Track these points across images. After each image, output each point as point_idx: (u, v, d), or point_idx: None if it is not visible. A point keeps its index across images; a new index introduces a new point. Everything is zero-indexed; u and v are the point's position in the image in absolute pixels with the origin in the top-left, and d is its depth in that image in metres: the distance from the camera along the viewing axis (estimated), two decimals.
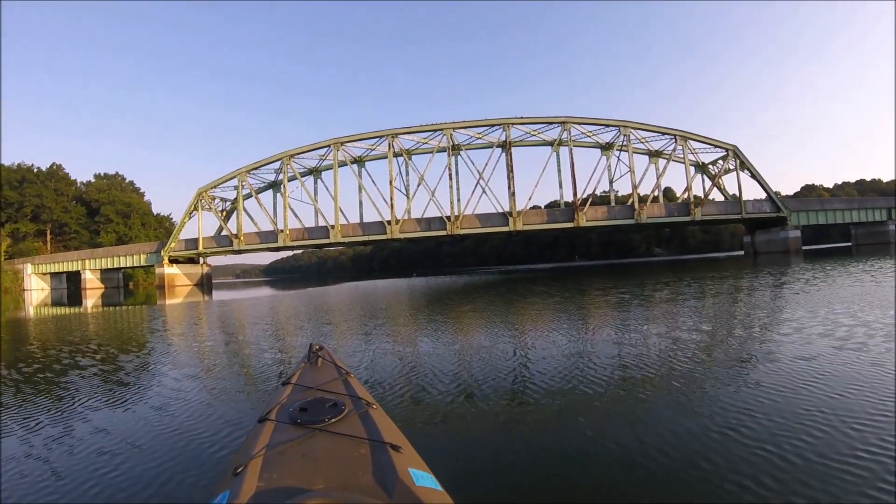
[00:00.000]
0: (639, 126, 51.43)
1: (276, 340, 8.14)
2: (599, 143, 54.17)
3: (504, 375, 4.63)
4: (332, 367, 2.53)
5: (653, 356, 5.02)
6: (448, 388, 4.26)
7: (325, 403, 1.89)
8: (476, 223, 47.53)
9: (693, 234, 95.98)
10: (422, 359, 5.71)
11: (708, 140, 53.17)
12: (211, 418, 3.77)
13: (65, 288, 67.83)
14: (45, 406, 4.42)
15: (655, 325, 7.25)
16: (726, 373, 4.20)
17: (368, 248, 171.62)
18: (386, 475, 1.37)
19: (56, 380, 5.59)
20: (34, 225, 79.72)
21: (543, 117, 49.63)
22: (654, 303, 10.44)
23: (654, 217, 50.44)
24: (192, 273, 57.39)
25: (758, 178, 53.55)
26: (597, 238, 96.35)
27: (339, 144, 49.76)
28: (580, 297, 13.31)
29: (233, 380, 5.19)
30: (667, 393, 3.75)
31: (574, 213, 47.81)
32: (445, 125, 48.33)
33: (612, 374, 4.40)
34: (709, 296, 11.29)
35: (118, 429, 3.64)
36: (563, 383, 4.21)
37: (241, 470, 1.42)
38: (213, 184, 53.75)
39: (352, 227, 49.82)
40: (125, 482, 2.65)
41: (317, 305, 15.80)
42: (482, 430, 3.21)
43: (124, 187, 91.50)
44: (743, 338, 5.91)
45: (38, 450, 3.24)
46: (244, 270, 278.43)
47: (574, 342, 6.24)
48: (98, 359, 6.96)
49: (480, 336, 7.39)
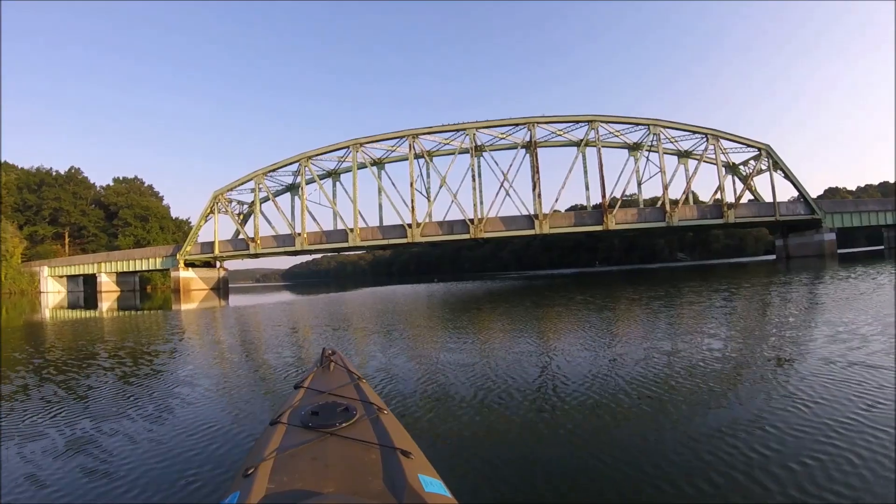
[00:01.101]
0: (669, 125, 48.61)
1: (290, 347, 7.88)
2: (627, 144, 51.49)
3: (522, 385, 4.41)
4: (345, 371, 2.52)
5: (698, 373, 4.46)
6: (461, 397, 4.12)
7: (336, 408, 1.87)
8: (500, 226, 44.94)
9: (717, 239, 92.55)
10: (436, 366, 5.50)
11: (741, 139, 50.22)
12: (223, 420, 3.75)
13: (81, 291, 66.88)
14: (59, 409, 4.35)
15: (707, 339, 6.38)
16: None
17: (388, 253, 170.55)
18: (395, 481, 1.36)
19: (69, 384, 5.48)
20: (52, 228, 78.95)
21: (570, 116, 47.01)
22: (701, 315, 9.02)
23: (686, 219, 47.54)
24: (209, 277, 55.53)
25: (791, 178, 50.53)
26: (619, 243, 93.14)
27: (359, 145, 47.52)
28: (614, 303, 12.65)
29: (245, 383, 5.17)
30: (720, 418, 3.21)
31: (603, 216, 45.07)
32: (468, 125, 45.91)
33: (646, 390, 4.00)
34: (757, 307, 9.81)
35: (130, 431, 3.60)
36: (588, 396, 3.95)
37: (251, 472, 1.41)
38: (230, 186, 51.83)
39: (371, 231, 47.54)
40: (138, 482, 2.65)
41: (333, 313, 14.97)
42: (492, 438, 3.10)
43: (143, 191, 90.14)
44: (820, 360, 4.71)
45: (53, 451, 3.21)
46: (264, 275, 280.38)
47: (604, 353, 5.77)
48: (112, 362, 6.92)
49: (502, 344, 7.03)
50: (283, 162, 49.82)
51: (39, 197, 78.14)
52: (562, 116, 46.82)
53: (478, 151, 46.41)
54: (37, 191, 78.78)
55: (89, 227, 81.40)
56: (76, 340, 10.12)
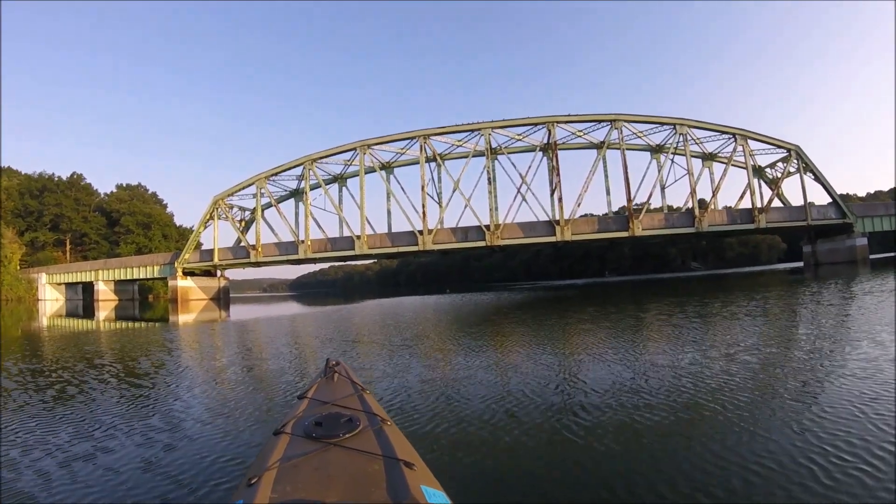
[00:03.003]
0: (696, 124, 44.32)
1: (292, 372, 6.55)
2: (650, 146, 47.27)
3: (533, 400, 4.17)
4: (348, 382, 2.47)
5: (732, 401, 3.77)
6: (467, 410, 4.00)
7: (340, 418, 1.85)
8: (519, 233, 40.60)
9: (731, 247, 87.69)
10: (442, 379, 5.34)
11: (770, 139, 45.91)
12: (226, 430, 3.72)
13: (80, 299, 63.16)
14: (62, 419, 4.29)
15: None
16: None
17: (394, 263, 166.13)
18: (398, 491, 1.33)
19: (68, 397, 5.31)
20: (53, 234, 75.21)
21: (591, 115, 42.72)
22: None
23: (715, 225, 43.13)
24: (209, 287, 51.31)
25: (822, 180, 46.29)
26: (629, 252, 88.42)
27: (366, 147, 43.37)
28: (638, 317, 11.51)
29: (249, 393, 5.11)
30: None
31: (628, 221, 40.71)
32: (483, 124, 41.71)
33: (671, 411, 3.61)
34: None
35: (134, 441, 3.57)
36: (605, 414, 3.65)
37: (255, 481, 1.40)
38: (230, 191, 47.73)
39: (379, 238, 43.28)
40: (142, 491, 2.64)
41: (341, 330, 12.84)
42: (498, 451, 3.02)
43: (146, 198, 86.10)
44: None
45: (56, 461, 3.16)
46: (271, 284, 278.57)
47: (624, 371, 5.18)
48: (113, 372, 6.87)
49: (515, 359, 6.62)
50: (286, 165, 45.69)
51: (41, 203, 74.47)
52: (583, 115, 42.56)
53: (493, 154, 42.14)
54: (38, 196, 75.11)
55: (91, 235, 77.54)
56: (65, 354, 9.44)
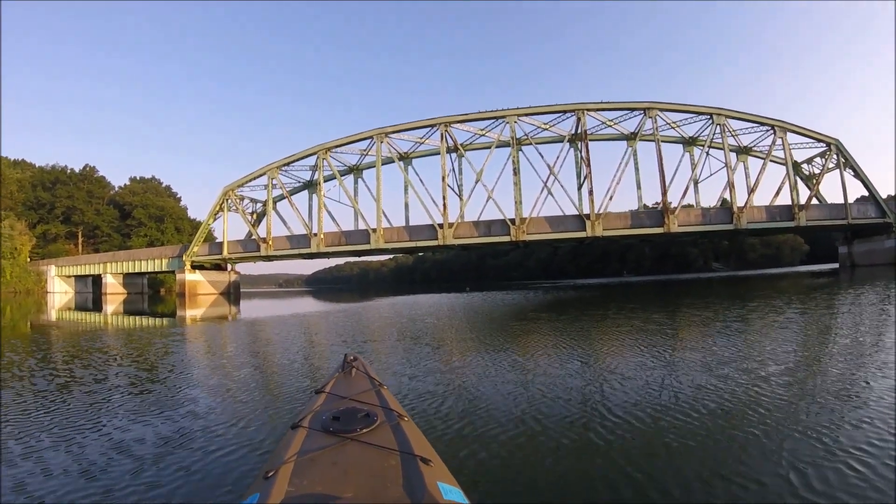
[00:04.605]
0: (734, 114, 40.34)
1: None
2: (683, 137, 43.39)
3: (556, 401, 4.02)
4: (366, 378, 2.43)
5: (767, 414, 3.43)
6: (486, 408, 3.89)
7: (357, 413, 1.82)
8: (546, 227, 36.83)
9: (753, 248, 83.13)
10: (461, 377, 5.20)
11: (810, 132, 41.85)
12: (243, 424, 3.67)
13: (89, 292, 60.95)
14: (76, 415, 4.11)
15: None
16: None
17: (410, 260, 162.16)
18: (415, 487, 1.31)
19: (77, 390, 5.14)
20: (65, 227, 73.03)
21: (623, 102, 38.84)
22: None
23: (754, 222, 39.10)
24: (218, 281, 48.20)
25: (863, 177, 42.15)
26: (650, 251, 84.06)
27: (383, 135, 39.85)
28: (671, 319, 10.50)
29: (265, 388, 5.05)
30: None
31: (663, 217, 36.88)
32: (508, 111, 38.01)
33: (706, 419, 3.38)
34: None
35: (151, 433, 3.51)
36: (631, 419, 3.44)
37: (272, 474, 1.38)
38: (241, 181, 44.50)
39: (396, 232, 39.72)
40: (159, 482, 2.62)
41: (358, 335, 10.79)
42: (517, 450, 2.94)
43: (160, 191, 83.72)
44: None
45: (74, 454, 3.11)
46: (287, 280, 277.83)
47: (658, 378, 4.75)
48: (124, 367, 6.64)
49: (540, 359, 6.24)
50: (298, 154, 42.31)
51: (53, 195, 72.26)
52: (615, 103, 38.70)
53: (517, 144, 38.44)
54: (51, 189, 73.06)
55: (103, 227, 75.30)
56: (75, 350, 8.67)
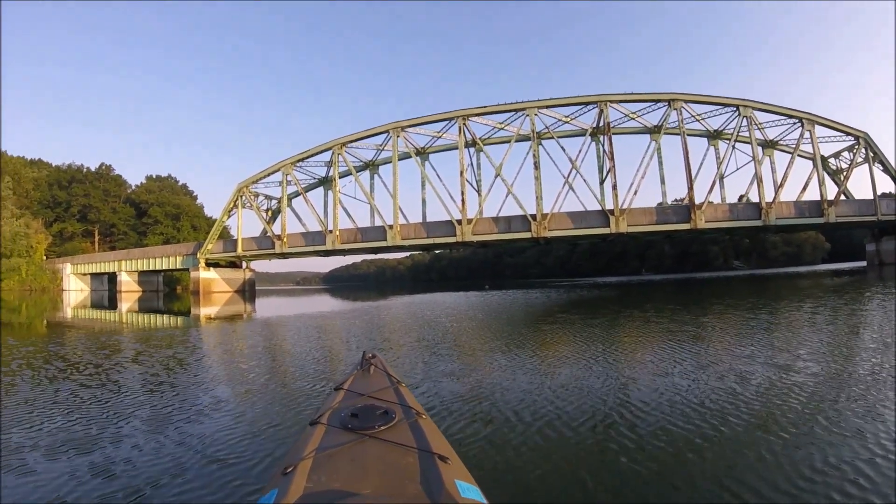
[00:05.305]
0: (761, 106, 38.50)
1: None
2: (708, 130, 41.65)
3: (578, 402, 3.92)
4: (384, 375, 2.41)
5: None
6: (503, 408, 3.80)
7: (375, 410, 1.80)
8: (568, 223, 35.26)
9: (774, 246, 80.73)
10: (480, 375, 5.14)
11: (839, 125, 39.92)
12: (261, 420, 3.66)
13: (105, 290, 60.48)
14: (94, 410, 4.11)
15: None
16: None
17: (427, 258, 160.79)
18: (432, 485, 1.30)
19: (91, 386, 5.11)
20: (81, 225, 72.69)
21: (647, 94, 37.18)
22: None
23: (783, 218, 37.25)
24: (233, 278, 47.23)
25: (892, 171, 40.34)
26: (669, 249, 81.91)
27: (400, 129, 38.51)
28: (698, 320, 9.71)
29: (283, 384, 5.01)
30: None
31: (690, 212, 35.19)
32: (528, 103, 36.46)
33: (737, 425, 3.20)
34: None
35: (171, 429, 3.48)
36: (660, 421, 3.31)
37: (290, 470, 1.38)
38: (255, 178, 43.41)
39: (413, 228, 38.32)
40: (179, 478, 2.60)
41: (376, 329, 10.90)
42: (536, 449, 2.88)
43: (176, 189, 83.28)
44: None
45: (93, 450, 3.10)
46: (304, 278, 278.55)
47: (687, 379, 4.56)
48: (143, 364, 6.56)
49: (563, 360, 6.02)
50: (313, 149, 41.10)
51: (69, 193, 72.04)
52: (638, 95, 37.04)
53: (538, 137, 36.90)
54: (67, 187, 72.83)
55: (119, 225, 74.97)
56: (92, 348, 8.47)
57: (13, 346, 8.75)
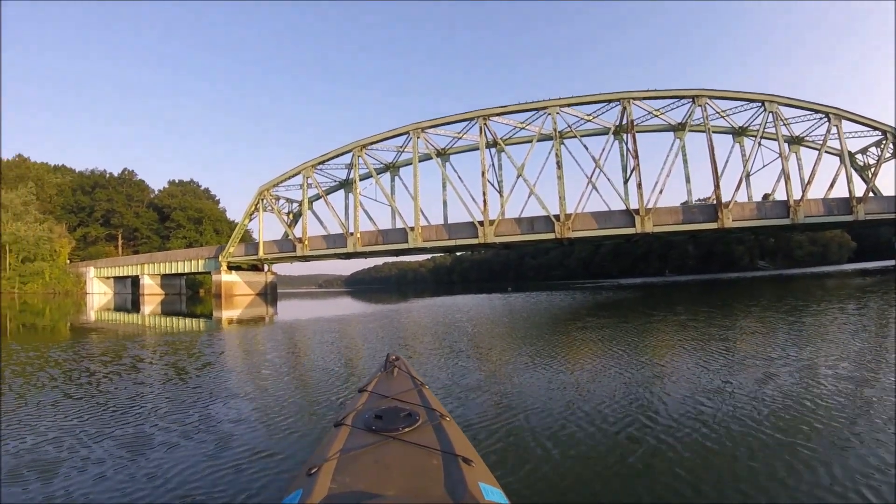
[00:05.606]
0: (787, 101, 37.48)
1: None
2: (733, 127, 40.66)
3: (596, 407, 3.82)
4: (408, 377, 2.38)
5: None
6: (526, 411, 3.76)
7: (399, 412, 1.79)
8: (592, 224, 34.57)
9: (800, 245, 78.73)
10: (504, 379, 5.11)
11: (867, 120, 38.65)
12: (287, 421, 3.66)
13: (128, 293, 61.21)
14: (121, 412, 4.13)
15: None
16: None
17: (449, 260, 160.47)
18: (456, 487, 1.30)
19: (121, 388, 5.11)
20: (104, 229, 73.74)
21: (670, 90, 36.40)
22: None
23: (811, 216, 36.17)
24: (255, 281, 47.35)
25: None
26: (693, 250, 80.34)
27: (420, 131, 38.21)
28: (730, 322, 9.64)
29: (306, 386, 5.04)
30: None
31: (717, 211, 34.32)
32: (549, 102, 35.86)
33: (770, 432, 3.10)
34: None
35: (195, 432, 3.48)
36: (675, 427, 3.24)
37: (314, 471, 1.39)
38: (276, 181, 43.44)
39: (435, 230, 37.91)
40: (204, 478, 2.61)
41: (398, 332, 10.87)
42: (556, 453, 2.84)
43: (198, 193, 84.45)
44: None
45: (119, 450, 3.11)
46: (326, 280, 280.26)
47: (720, 385, 4.43)
48: (167, 366, 6.59)
49: (590, 364, 5.87)
50: (333, 152, 40.98)
51: (92, 199, 73.05)
52: (661, 91, 36.25)
53: (560, 136, 36.28)
54: (90, 193, 73.93)
55: (142, 230, 76.00)
56: (115, 350, 8.52)
57: (36, 350, 8.78)
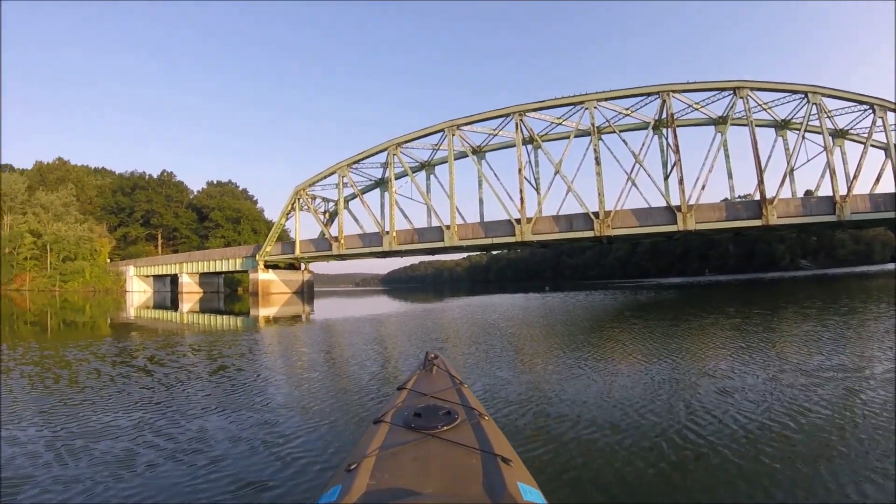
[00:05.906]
0: (831, 93, 36.04)
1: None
2: (775, 120, 39.33)
3: (634, 408, 3.80)
4: (447, 375, 2.38)
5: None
6: (565, 412, 3.77)
7: (438, 411, 1.78)
8: (633, 221, 33.87)
9: (843, 244, 76.03)
10: (543, 378, 5.14)
11: None
12: (327, 417, 3.73)
13: (168, 291, 62.88)
14: (163, 407, 4.24)
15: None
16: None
17: (484, 259, 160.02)
18: (494, 487, 1.29)
19: (161, 383, 5.31)
20: (144, 229, 76.03)
21: (711, 82, 35.44)
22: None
23: (858, 212, 34.71)
24: (292, 280, 48.01)
25: None
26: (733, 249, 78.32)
27: (455, 128, 38.02)
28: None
29: (345, 384, 5.08)
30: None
31: (760, 208, 33.28)
32: (587, 96, 35.20)
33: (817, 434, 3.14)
34: None
35: (238, 427, 3.55)
36: (715, 429, 3.24)
37: (354, 467, 1.39)
38: (312, 180, 43.89)
39: (471, 228, 37.71)
40: (245, 472, 2.65)
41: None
42: (594, 454, 2.84)
43: (236, 194, 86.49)
44: None
45: (164, 444, 3.17)
46: (363, 279, 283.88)
47: (766, 385, 4.41)
48: (209, 363, 6.72)
49: (630, 366, 5.86)
50: (369, 151, 41.15)
51: (132, 200, 75.19)
52: (701, 83, 35.34)
53: (598, 132, 35.67)
54: (129, 194, 76.10)
55: (181, 230, 78.03)
56: (155, 345, 9.06)
57: (78, 344, 9.21)
